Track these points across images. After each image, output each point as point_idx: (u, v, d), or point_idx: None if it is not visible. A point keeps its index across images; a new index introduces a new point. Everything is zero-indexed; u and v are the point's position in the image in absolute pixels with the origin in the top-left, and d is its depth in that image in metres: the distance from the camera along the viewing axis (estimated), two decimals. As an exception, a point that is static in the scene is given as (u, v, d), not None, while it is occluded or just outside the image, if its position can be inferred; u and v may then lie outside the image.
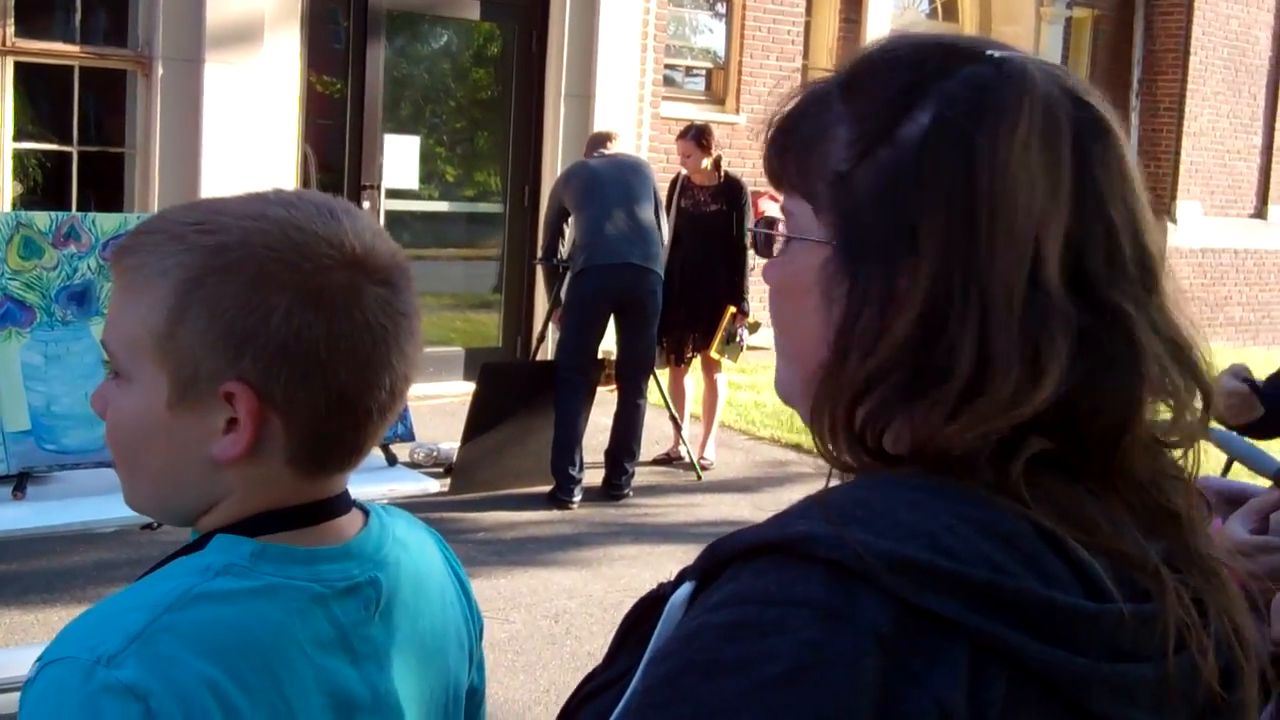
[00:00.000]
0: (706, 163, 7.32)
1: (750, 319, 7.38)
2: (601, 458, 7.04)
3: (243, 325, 1.04)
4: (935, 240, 0.87)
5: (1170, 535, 0.92)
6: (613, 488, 6.93)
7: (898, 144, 0.89)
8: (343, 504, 1.17)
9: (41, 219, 3.30)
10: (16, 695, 3.27)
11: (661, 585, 0.99)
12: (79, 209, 8.06)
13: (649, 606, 0.99)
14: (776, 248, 0.99)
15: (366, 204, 8.80)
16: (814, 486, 0.94)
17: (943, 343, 0.87)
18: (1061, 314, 0.86)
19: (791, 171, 0.96)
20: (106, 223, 3.37)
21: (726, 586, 0.85)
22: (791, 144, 0.97)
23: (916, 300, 0.87)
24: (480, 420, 6.69)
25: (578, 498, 6.76)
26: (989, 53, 0.93)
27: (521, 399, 6.86)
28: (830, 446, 0.92)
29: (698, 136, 7.32)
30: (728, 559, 0.86)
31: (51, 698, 0.99)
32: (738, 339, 7.37)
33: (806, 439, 6.61)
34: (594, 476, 6.98)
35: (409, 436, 3.67)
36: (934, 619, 0.80)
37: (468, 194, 10.02)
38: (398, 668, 1.17)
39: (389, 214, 8.89)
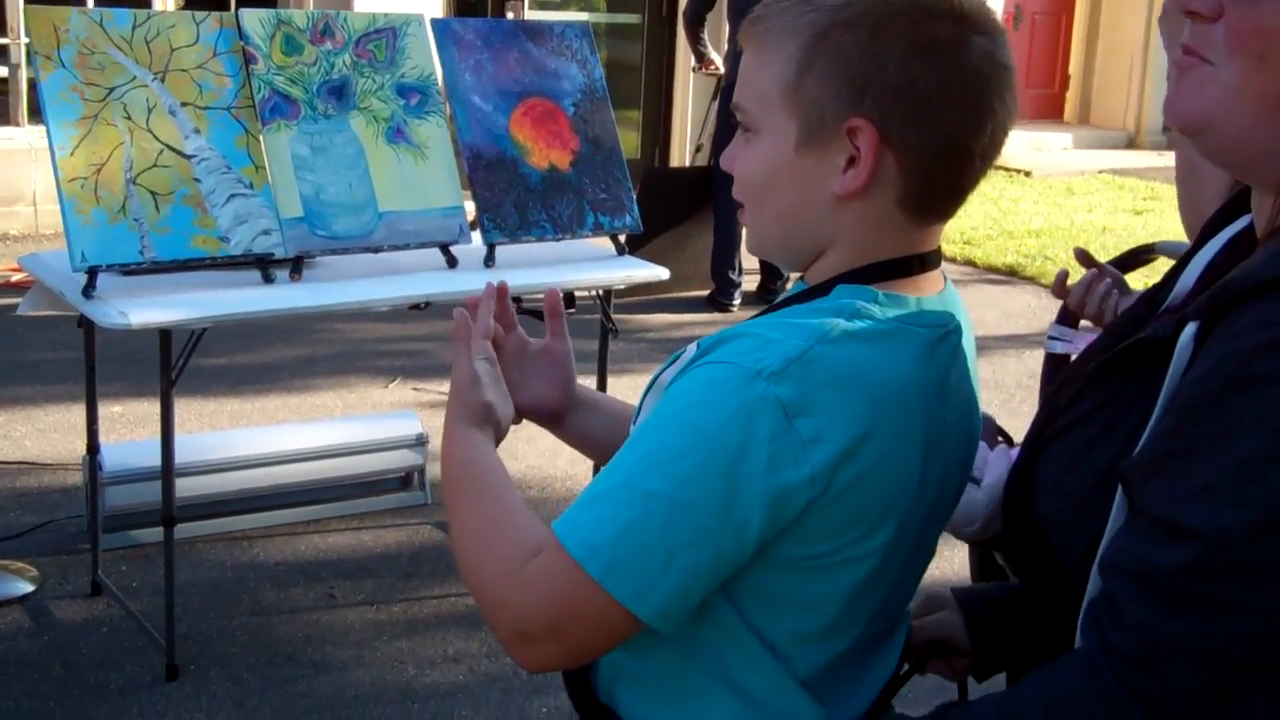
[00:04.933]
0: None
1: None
2: (757, 263, 7.19)
3: (864, 70, 1.17)
4: None
5: None
6: (769, 292, 7.09)
7: None
8: (938, 258, 1.29)
9: (300, 17, 3.46)
10: (244, 473, 3.55)
11: (1141, 333, 1.13)
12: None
13: (1125, 354, 1.14)
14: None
15: (510, 14, 8.87)
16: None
17: None
18: None
19: None
20: (357, 21, 3.53)
21: (1245, 317, 0.98)
22: None
23: None
24: (643, 225, 6.84)
25: (737, 301, 6.96)
26: None
27: (680, 204, 7.00)
28: None
29: None
30: (1238, 296, 1.00)
31: (712, 388, 1.14)
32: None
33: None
34: (750, 282, 7.17)
35: (636, 228, 3.85)
36: None
37: (607, 4, 10.03)
38: (958, 413, 1.29)
39: (532, 25, 8.95)
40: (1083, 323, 2.33)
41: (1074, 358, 2.31)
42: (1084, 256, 2.35)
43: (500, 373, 1.42)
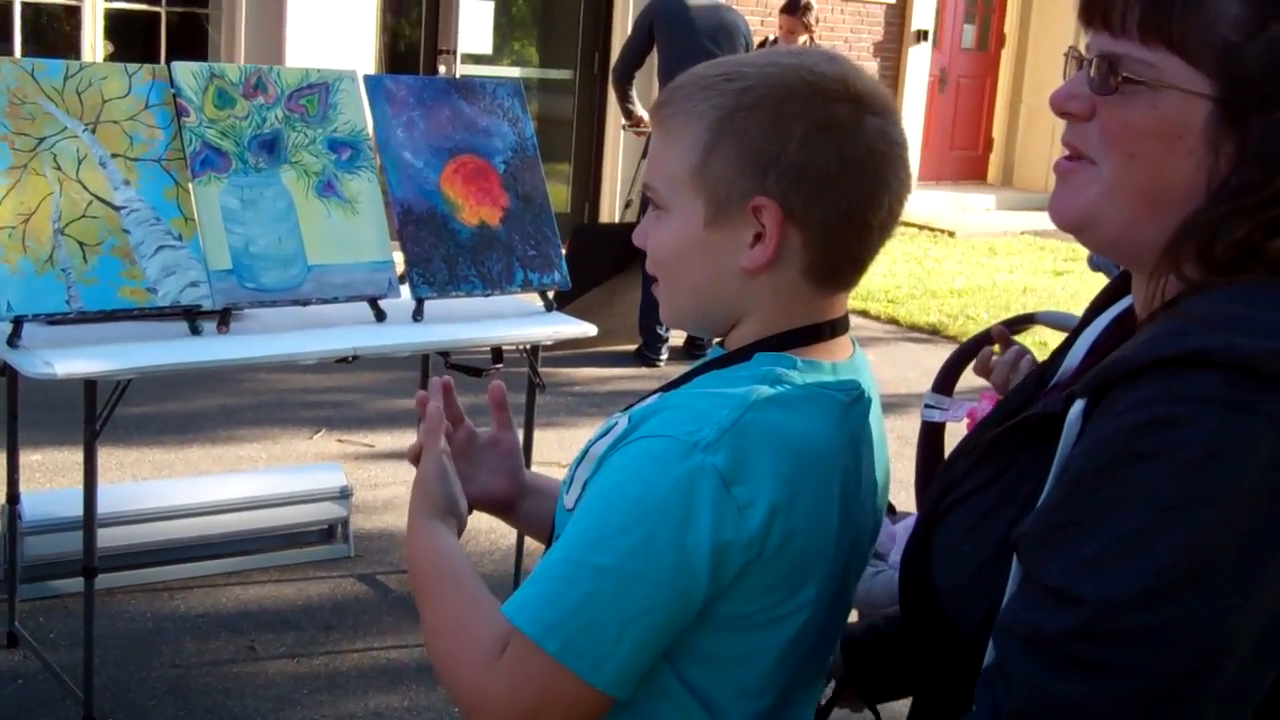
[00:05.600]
0: (804, 40, 7.44)
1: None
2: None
3: (767, 151, 1.24)
4: None
5: None
6: (695, 346, 7.16)
7: None
8: (845, 324, 1.36)
9: (232, 71, 3.49)
10: (166, 523, 3.53)
11: (1032, 408, 1.18)
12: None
13: (1019, 427, 1.19)
14: (1117, 85, 1.13)
15: (442, 68, 8.94)
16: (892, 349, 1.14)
17: None
18: None
19: (1170, 27, 1.11)
20: (290, 76, 3.56)
21: (1128, 396, 1.03)
22: (1170, 2, 1.11)
23: None
24: (571, 281, 6.91)
25: (664, 356, 7.03)
26: None
27: (609, 260, 7.07)
28: (1181, 265, 1.10)
29: (804, 12, 7.43)
30: (1121, 376, 1.04)
31: (651, 462, 1.19)
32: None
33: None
34: (677, 338, 7.25)
35: (565, 285, 3.89)
36: None
37: (539, 60, 10.12)
38: (870, 471, 1.36)
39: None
40: (957, 391, 2.39)
41: (949, 425, 2.37)
42: (1003, 336, 2.41)
43: (453, 466, 1.45)
